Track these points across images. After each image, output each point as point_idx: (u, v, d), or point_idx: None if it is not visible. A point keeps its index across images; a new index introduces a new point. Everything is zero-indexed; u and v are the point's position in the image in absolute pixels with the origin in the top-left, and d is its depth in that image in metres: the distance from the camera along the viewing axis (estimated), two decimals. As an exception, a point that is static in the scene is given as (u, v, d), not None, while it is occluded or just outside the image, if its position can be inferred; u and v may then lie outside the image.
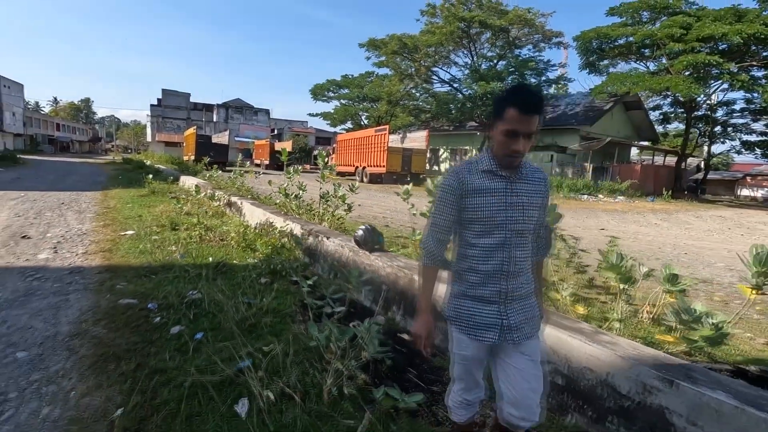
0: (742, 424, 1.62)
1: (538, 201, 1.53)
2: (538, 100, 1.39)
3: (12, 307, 3.57)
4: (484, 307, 1.53)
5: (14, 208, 8.82)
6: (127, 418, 2.10)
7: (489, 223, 1.47)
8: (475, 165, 1.52)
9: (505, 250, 1.48)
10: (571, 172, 24.25)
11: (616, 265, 2.53)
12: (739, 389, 1.75)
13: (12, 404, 2.26)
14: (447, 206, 1.52)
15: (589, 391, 2.11)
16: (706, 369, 1.96)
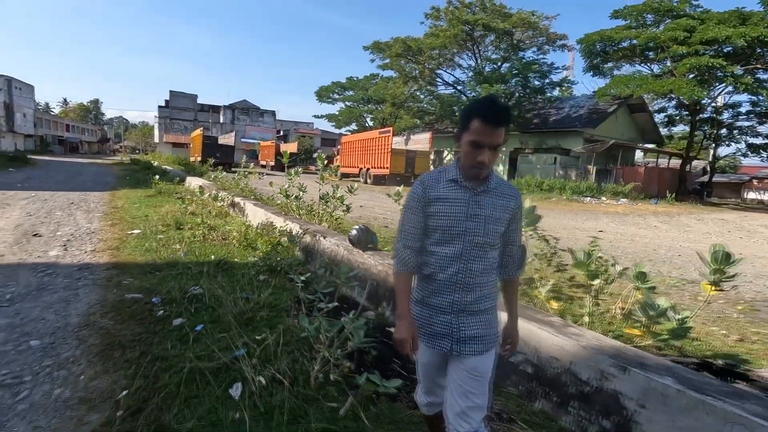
0: (683, 405, 1.79)
1: (502, 216, 1.50)
2: (504, 112, 1.40)
3: (25, 300, 3.80)
4: (438, 316, 1.53)
5: (26, 207, 9.12)
6: (130, 398, 2.30)
7: (448, 233, 1.47)
8: (443, 174, 1.53)
9: (462, 261, 1.48)
10: (575, 174, 24.28)
11: (583, 263, 2.70)
12: (685, 375, 1.92)
13: (27, 386, 2.47)
14: (413, 214, 1.54)
15: (555, 379, 2.29)
16: (658, 358, 2.13)
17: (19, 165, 24.48)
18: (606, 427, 2.04)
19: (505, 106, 1.43)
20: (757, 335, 3.59)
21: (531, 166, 26.10)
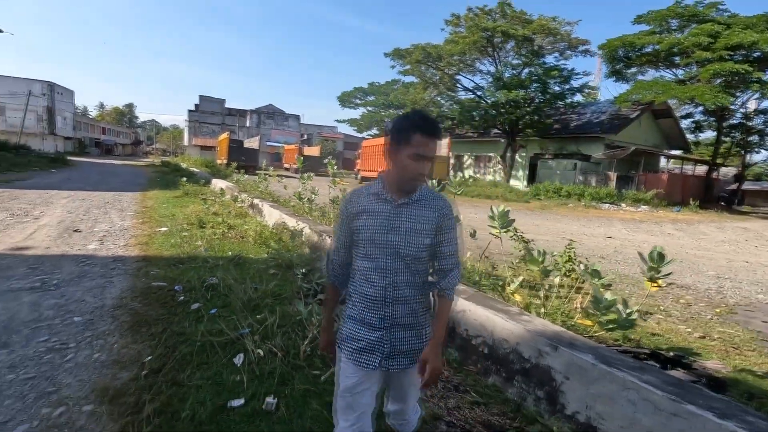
0: (595, 376, 2.16)
1: (425, 227, 1.48)
2: (439, 126, 1.46)
3: (69, 285, 4.43)
4: (368, 331, 1.51)
5: (66, 205, 10.00)
6: (153, 362, 2.82)
7: (369, 245, 1.47)
8: (368, 189, 1.54)
9: (387, 275, 1.47)
10: (595, 180, 24.09)
11: (536, 260, 3.05)
12: (603, 353, 2.29)
13: (72, 351, 3.03)
14: (341, 227, 1.57)
15: (504, 357, 2.68)
16: (586, 339, 2.50)
17: (60, 166, 26.11)
18: (540, 396, 2.42)
19: (437, 120, 1.51)
20: (720, 334, 3.85)
21: (551, 172, 26.00)
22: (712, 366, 3.08)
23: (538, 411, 2.39)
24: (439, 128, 1.45)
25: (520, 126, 25.63)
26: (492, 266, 4.90)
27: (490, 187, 23.51)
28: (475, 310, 2.98)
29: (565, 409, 2.27)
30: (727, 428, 1.68)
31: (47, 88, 52.91)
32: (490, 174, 31.23)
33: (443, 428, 2.28)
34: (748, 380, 2.89)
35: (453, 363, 2.95)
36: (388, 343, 1.49)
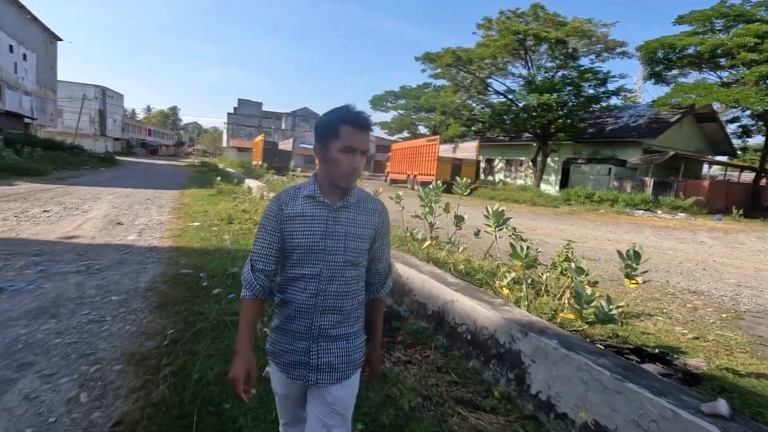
0: (556, 358, 2.37)
1: (364, 232, 1.43)
2: (368, 117, 1.38)
3: (109, 269, 4.99)
4: (296, 342, 1.41)
5: (112, 201, 10.88)
6: (174, 334, 3.24)
7: (305, 253, 1.37)
8: (300, 191, 1.43)
9: (321, 282, 1.38)
10: (630, 186, 23.37)
11: (519, 255, 3.23)
12: (568, 340, 2.49)
13: (108, 323, 3.50)
14: (267, 233, 1.42)
15: (483, 343, 2.91)
16: (556, 327, 2.69)
17: (109, 165, 27.97)
18: (510, 378, 2.64)
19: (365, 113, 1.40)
20: (717, 337, 3.89)
21: (584, 177, 25.43)
22: (694, 363, 3.17)
23: (508, 391, 2.61)
24: (367, 120, 1.37)
25: (552, 130, 25.23)
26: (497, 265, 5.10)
27: (519, 191, 23.27)
28: (462, 301, 3.22)
29: (531, 389, 2.49)
30: (660, 403, 1.86)
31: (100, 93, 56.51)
32: (521, 178, 30.84)
33: (419, 401, 2.54)
34: (727, 377, 2.97)
35: (440, 348, 3.20)
36: (315, 355, 1.40)
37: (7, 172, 15.50)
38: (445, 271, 4.01)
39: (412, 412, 2.40)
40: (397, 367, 2.94)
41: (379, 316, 1.64)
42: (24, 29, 30.82)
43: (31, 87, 32.04)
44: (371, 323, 1.61)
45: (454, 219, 4.99)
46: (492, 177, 33.76)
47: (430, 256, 4.79)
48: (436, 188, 4.83)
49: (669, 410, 1.82)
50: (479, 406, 2.49)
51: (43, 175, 16.84)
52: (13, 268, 4.77)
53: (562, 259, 4.13)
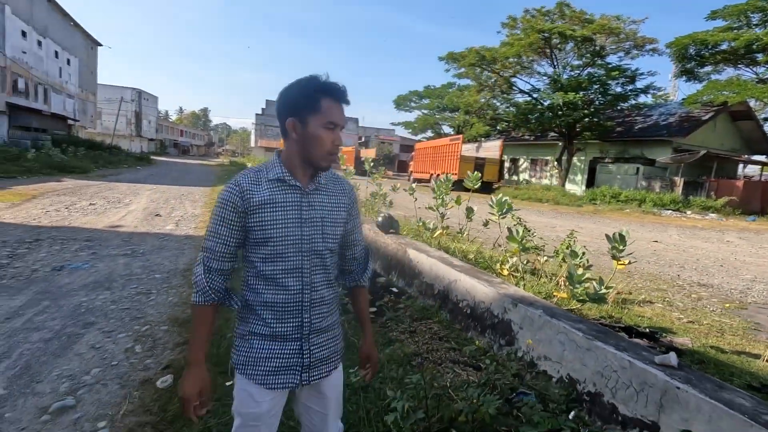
0: (540, 324, 2.70)
1: (339, 215, 1.34)
2: (345, 89, 1.25)
3: (151, 253, 5.57)
4: (282, 346, 1.27)
5: (150, 196, 11.68)
6: (210, 304, 3.73)
7: (280, 244, 1.22)
8: (261, 174, 1.26)
9: (304, 275, 1.25)
10: (659, 186, 22.89)
11: (515, 238, 3.53)
12: (552, 310, 2.81)
13: (153, 295, 4.03)
14: (225, 226, 1.23)
15: (481, 315, 3.25)
16: (543, 300, 3.01)
17: (144, 164, 29.46)
18: (502, 344, 2.97)
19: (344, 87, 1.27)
20: (712, 322, 4.08)
21: (611, 176, 25.04)
22: (681, 341, 3.41)
23: (500, 354, 2.95)
24: (346, 93, 1.25)
25: (578, 129, 24.95)
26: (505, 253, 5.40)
27: (543, 191, 23.16)
28: (464, 280, 3.57)
29: (518, 352, 2.82)
30: (620, 356, 2.17)
31: (136, 95, 59.11)
32: (546, 178, 30.56)
33: (419, 360, 2.91)
34: (709, 353, 3.21)
35: (443, 322, 3.56)
36: (308, 353, 1.29)
37: (55, 170, 16.71)
38: (452, 256, 4.36)
39: (411, 368, 2.77)
40: (403, 335, 3.31)
41: (365, 304, 1.54)
42: (68, 36, 32.79)
43: (73, 90, 34.03)
44: (359, 313, 1.53)
45: (465, 211, 5.31)
46: (516, 177, 33.56)
47: (441, 244, 5.13)
48: (446, 181, 5.17)
49: (627, 361, 2.13)
50: (470, 365, 2.84)
51: (86, 173, 18.04)
52: (69, 251, 5.41)
53: (564, 247, 4.40)
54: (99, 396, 2.36)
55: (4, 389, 2.36)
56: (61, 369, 2.62)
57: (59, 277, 4.38)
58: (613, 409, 2.12)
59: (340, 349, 1.42)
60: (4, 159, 16.03)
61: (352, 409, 2.18)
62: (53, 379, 2.50)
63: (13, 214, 7.48)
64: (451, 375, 2.73)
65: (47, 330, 3.13)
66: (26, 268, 4.59)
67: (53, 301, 3.69)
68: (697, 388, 1.83)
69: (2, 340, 2.92)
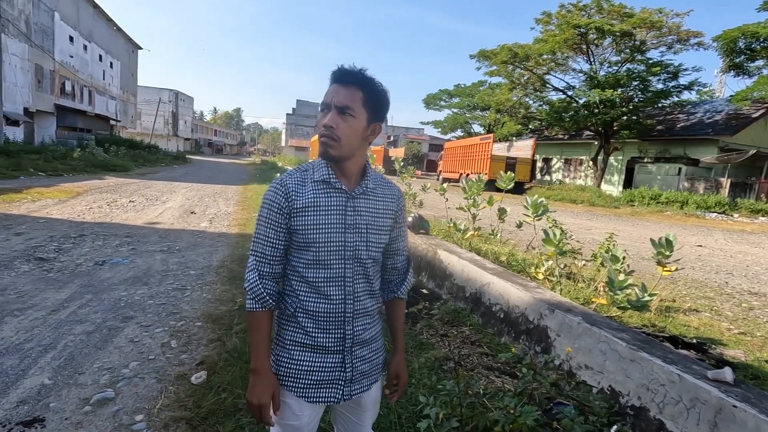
0: (579, 332, 2.59)
1: (385, 223, 1.26)
2: (354, 71, 1.15)
3: (187, 250, 5.72)
4: (324, 358, 1.20)
5: (185, 194, 12.06)
6: (243, 301, 3.77)
7: (323, 250, 1.16)
8: (307, 174, 1.21)
9: (346, 284, 1.19)
10: (703, 187, 21.78)
11: (551, 240, 3.39)
12: (592, 317, 2.69)
13: (188, 291, 4.13)
14: (272, 228, 1.17)
15: (515, 320, 3.16)
16: (583, 307, 2.88)
17: (180, 163, 30.49)
18: (537, 351, 2.87)
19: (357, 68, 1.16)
20: (765, 333, 3.81)
21: (650, 177, 24.01)
22: (732, 354, 3.20)
23: (535, 363, 2.84)
24: (352, 73, 1.14)
25: (616, 127, 24.05)
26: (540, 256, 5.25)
27: (577, 191, 22.46)
28: (497, 283, 3.48)
29: (555, 359, 2.71)
30: (669, 369, 2.05)
31: (173, 96, 61.28)
32: (580, 178, 29.65)
33: (451, 365, 2.85)
34: (766, 368, 2.99)
35: (475, 325, 3.48)
36: (350, 367, 1.23)
37: (98, 168, 17.52)
38: (484, 258, 4.26)
39: (443, 373, 2.72)
40: (434, 339, 3.26)
41: (401, 318, 1.43)
42: (111, 40, 34.35)
43: (116, 92, 35.63)
44: (392, 326, 1.43)
45: (497, 212, 5.19)
46: (549, 177, 32.71)
47: (473, 246, 5.04)
48: (478, 181, 5.07)
49: (676, 375, 2.00)
50: (505, 372, 2.76)
51: (127, 171, 18.82)
52: (110, 246, 5.64)
53: (603, 250, 4.22)
54: (137, 389, 2.43)
55: (49, 379, 2.46)
56: (102, 361, 2.71)
57: (101, 271, 4.56)
58: (660, 426, 1.99)
59: (382, 361, 1.35)
60: (53, 158, 16.94)
61: (383, 413, 2.15)
62: (95, 371, 2.58)
63: (60, 210, 7.87)
64: (484, 382, 2.66)
65: (90, 323, 3.26)
66: (71, 262, 4.81)
67: (95, 295, 3.84)
68: (757, 407, 1.70)
69: (49, 331, 3.05)
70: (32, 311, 3.38)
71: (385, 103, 1.20)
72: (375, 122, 1.19)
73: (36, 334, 2.99)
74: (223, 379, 2.49)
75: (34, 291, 3.82)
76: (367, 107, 1.15)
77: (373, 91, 1.16)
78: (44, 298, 3.66)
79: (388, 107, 1.22)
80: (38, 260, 4.75)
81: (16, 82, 21.48)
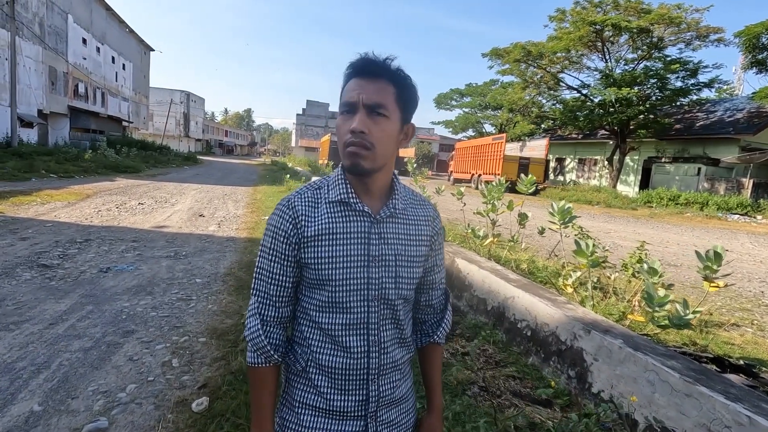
0: (621, 358, 2.32)
1: (419, 252, 1.00)
2: (380, 61, 0.91)
3: (194, 256, 5.54)
4: (342, 425, 0.96)
5: (195, 196, 11.95)
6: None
7: (341, 289, 0.92)
8: (321, 192, 0.97)
9: (370, 332, 0.95)
10: (724, 188, 21.13)
11: (583, 251, 3.12)
12: (634, 340, 2.41)
13: (193, 302, 3.93)
14: (277, 262, 0.94)
15: (544, 339, 2.89)
16: (623, 328, 2.61)
17: (191, 164, 30.60)
18: (571, 375, 2.60)
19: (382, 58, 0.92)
20: (819, 353, 3.48)
21: (668, 177, 23.40)
22: (787, 378, 2.90)
23: (568, 388, 2.58)
24: (376, 62, 0.91)
25: (632, 126, 23.49)
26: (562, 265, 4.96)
27: (592, 192, 21.96)
28: (523, 297, 3.21)
29: (592, 387, 2.44)
30: (735, 409, 1.77)
31: (184, 97, 61.77)
32: (594, 179, 29.08)
33: (476, 390, 2.60)
34: (827, 396, 2.68)
35: (498, 343, 3.22)
36: None
37: (110, 170, 17.57)
38: (506, 268, 3.99)
39: (469, 399, 2.47)
40: (454, 358, 3.01)
41: (438, 369, 1.14)
42: (123, 42, 34.63)
43: (128, 93, 35.91)
44: (428, 378, 1.14)
45: (517, 217, 4.92)
46: (563, 177, 32.16)
47: (492, 253, 4.77)
48: (498, 184, 4.80)
49: (745, 416, 1.73)
50: (537, 400, 2.50)
51: (138, 172, 18.85)
52: (116, 252, 5.48)
53: (634, 260, 3.93)
54: (133, 418, 2.22)
55: (39, 405, 2.27)
56: (97, 383, 2.51)
57: (105, 279, 4.40)
58: (727, 475, 1.72)
59: (413, 424, 1.09)
60: (65, 159, 17.02)
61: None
62: (89, 395, 2.39)
63: (68, 213, 7.78)
64: (513, 410, 2.40)
65: (88, 338, 3.07)
66: (75, 269, 4.65)
67: (96, 306, 3.66)
68: None
69: (45, 348, 2.87)
70: (29, 325, 3.21)
71: (416, 99, 0.98)
72: (407, 123, 0.97)
73: (30, 352, 2.81)
74: (226, 406, 2.28)
75: (34, 301, 3.66)
76: (400, 105, 0.92)
77: (405, 85, 0.93)
78: (43, 310, 3.49)
79: (417, 105, 0.99)
80: (41, 267, 4.60)
81: (30, 84, 21.68)
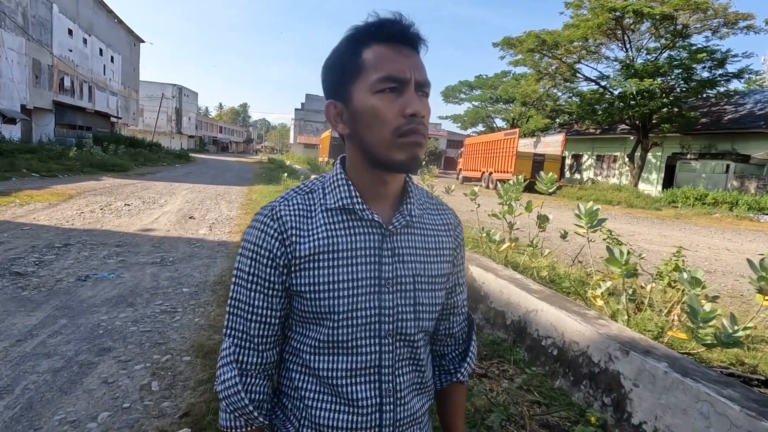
0: (667, 384, 2.12)
1: (441, 270, 0.83)
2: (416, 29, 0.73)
3: (181, 262, 5.39)
4: None
5: (185, 196, 11.82)
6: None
7: (345, 325, 0.74)
8: (317, 196, 0.78)
9: (383, 378, 0.77)
10: (755, 186, 20.82)
11: (617, 260, 2.93)
12: (681, 363, 2.22)
13: (179, 314, 3.77)
14: (258, 291, 0.74)
15: (573, 360, 2.70)
16: (665, 348, 2.41)
17: (183, 162, 30.58)
18: (606, 403, 2.41)
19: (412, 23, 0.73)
20: None
21: (693, 175, 23.08)
22: None
23: (603, 417, 2.39)
24: (413, 31, 0.72)
25: (655, 120, 23.20)
26: (589, 273, 4.76)
27: (612, 191, 21.70)
28: (548, 311, 3.02)
29: (632, 417, 2.25)
30: (810, 451, 1.58)
31: (177, 91, 61.90)
32: (614, 176, 28.78)
33: (497, 420, 2.41)
34: None
35: (520, 363, 3.03)
36: None
37: (96, 168, 17.50)
38: (526, 277, 3.80)
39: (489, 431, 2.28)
40: (471, 379, 2.82)
41: (461, 414, 0.96)
42: (112, 33, 34.67)
43: (117, 87, 35.96)
44: (449, 423, 0.96)
45: (536, 219, 4.73)
46: (579, 175, 31.87)
47: (509, 259, 4.58)
48: (517, 184, 4.61)
49: (825, 461, 1.53)
50: (568, 433, 2.31)
51: (126, 171, 18.78)
52: (97, 258, 5.33)
53: (670, 268, 3.72)
54: (103, 453, 2.05)
55: (-3, 438, 2.10)
56: (65, 411, 2.34)
57: (83, 288, 4.24)
58: None
59: None
60: (48, 157, 16.97)
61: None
62: (54, 426, 2.22)
63: (48, 216, 7.65)
64: (541, 445, 2.21)
65: (59, 357, 2.91)
66: (51, 277, 4.50)
67: (71, 320, 3.50)
68: None
69: (8, 369, 2.71)
70: (-6, 341, 3.05)
71: None
72: None
73: (-8, 373, 2.65)
74: (211, 439, 2.10)
75: (2, 314, 3.50)
76: None
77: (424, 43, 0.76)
78: (11, 324, 3.34)
79: None
80: (14, 275, 4.45)
81: (12, 78, 21.69)
